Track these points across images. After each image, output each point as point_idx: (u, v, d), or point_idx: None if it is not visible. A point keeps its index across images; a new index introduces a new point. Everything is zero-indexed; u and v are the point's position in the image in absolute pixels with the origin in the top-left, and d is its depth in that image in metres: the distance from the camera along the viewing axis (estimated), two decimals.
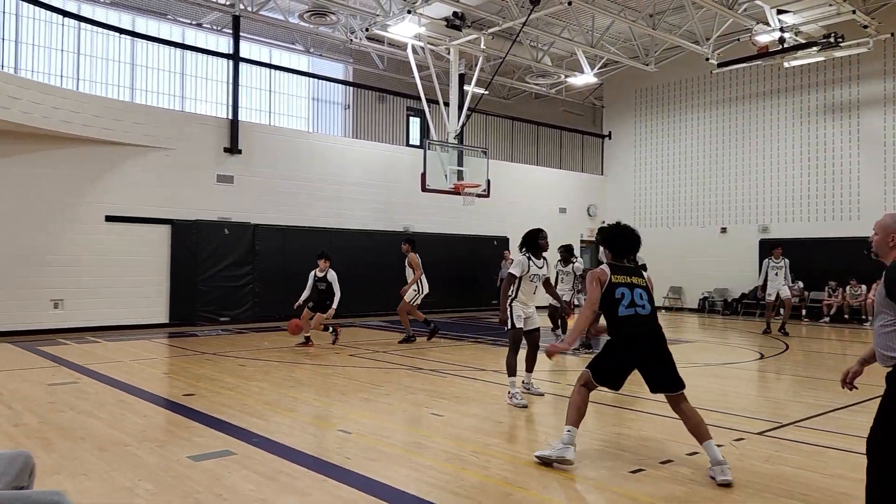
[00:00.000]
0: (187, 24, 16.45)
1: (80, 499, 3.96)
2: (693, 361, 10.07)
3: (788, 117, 18.48)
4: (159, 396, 7.08)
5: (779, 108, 18.64)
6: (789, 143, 18.45)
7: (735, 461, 4.85)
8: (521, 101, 22.66)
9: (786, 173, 18.49)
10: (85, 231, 12.86)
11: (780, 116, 18.62)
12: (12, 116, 11.26)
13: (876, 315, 3.36)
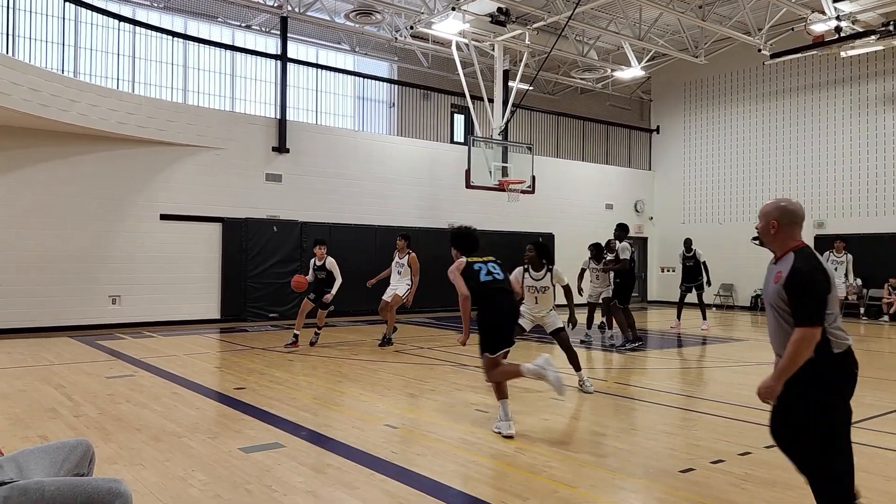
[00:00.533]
0: (237, 26, 16.81)
1: (136, 487, 4.10)
2: (745, 360, 9.82)
3: (845, 108, 17.81)
4: (211, 389, 7.27)
5: (835, 100, 17.98)
6: (846, 135, 17.78)
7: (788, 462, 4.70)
8: (567, 96, 22.41)
9: (842, 167, 17.83)
10: (141, 229, 13.28)
11: (837, 108, 17.95)
12: (72, 118, 11.70)
13: (768, 309, 3.28)
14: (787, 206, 3.35)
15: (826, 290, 3.10)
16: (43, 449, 2.73)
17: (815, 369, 3.09)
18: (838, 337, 3.12)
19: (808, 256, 3.19)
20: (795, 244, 3.27)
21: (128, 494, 2.42)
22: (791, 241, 3.29)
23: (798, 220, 3.34)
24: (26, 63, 11.53)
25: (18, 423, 5.69)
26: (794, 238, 3.30)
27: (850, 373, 3.16)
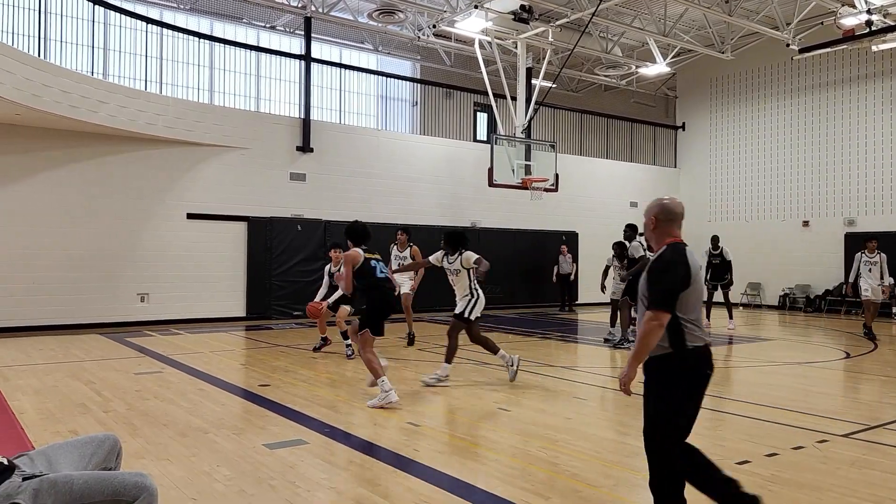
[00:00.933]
0: (261, 27, 16.97)
1: (163, 481, 4.16)
2: (772, 360, 9.67)
3: (877, 104, 17.42)
4: (236, 386, 7.36)
5: (866, 95, 17.60)
6: (878, 130, 17.39)
7: (817, 464, 4.64)
8: (591, 93, 22.25)
9: (874, 163, 17.45)
10: (168, 228, 13.48)
11: (868, 103, 17.58)
12: (101, 119, 11.91)
13: (639, 302, 3.36)
14: (667, 204, 3.53)
15: (680, 282, 3.25)
16: (72, 443, 2.79)
17: (669, 362, 3.25)
18: (693, 332, 3.25)
19: (676, 251, 3.36)
20: (670, 240, 3.44)
21: (153, 489, 2.46)
22: (667, 237, 3.46)
23: (675, 217, 3.51)
24: (57, 66, 11.77)
25: (50, 417, 5.81)
26: (670, 234, 3.47)
27: (699, 370, 3.29)
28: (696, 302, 3.32)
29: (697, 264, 3.41)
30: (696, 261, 3.40)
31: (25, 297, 12.00)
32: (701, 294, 3.40)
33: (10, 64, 10.14)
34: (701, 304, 3.41)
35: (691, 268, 3.32)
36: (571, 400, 6.77)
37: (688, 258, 3.34)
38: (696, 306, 3.34)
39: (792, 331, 14.05)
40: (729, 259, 13.81)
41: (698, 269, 3.41)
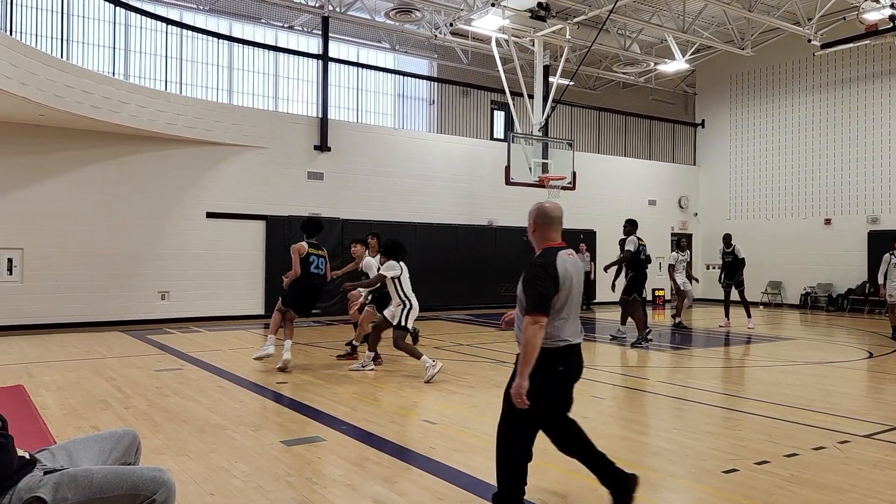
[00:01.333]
0: (280, 27, 17.08)
1: (182, 477, 4.21)
2: (793, 359, 9.55)
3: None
4: (255, 384, 7.42)
5: (889, 90, 17.31)
6: None
7: (838, 465, 4.58)
8: (609, 90, 22.11)
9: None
10: (188, 227, 13.63)
11: (891, 99, 17.28)
12: (122, 119, 12.07)
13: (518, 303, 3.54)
14: (545, 208, 3.66)
15: (552, 286, 3.40)
16: (92, 438, 2.83)
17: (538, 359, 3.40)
18: (556, 332, 3.45)
19: (549, 255, 3.48)
20: (548, 244, 3.59)
21: (171, 483, 2.49)
22: (545, 241, 3.61)
23: (552, 221, 3.63)
24: (79, 66, 11.94)
25: (72, 413, 5.91)
26: (548, 238, 3.61)
27: (554, 368, 3.47)
28: (566, 303, 3.48)
29: (572, 268, 3.53)
30: (570, 264, 3.52)
31: (49, 295, 12.20)
32: (574, 297, 3.55)
33: (34, 65, 10.31)
34: (575, 305, 3.57)
35: (560, 271, 3.45)
36: (589, 399, 6.74)
37: (558, 262, 3.46)
38: (567, 308, 3.50)
39: (814, 330, 13.86)
40: (741, 257, 13.69)
41: (572, 273, 3.52)
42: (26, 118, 11.64)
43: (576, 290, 3.55)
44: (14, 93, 9.88)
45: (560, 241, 3.63)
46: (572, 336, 3.54)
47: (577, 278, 3.57)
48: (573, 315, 3.56)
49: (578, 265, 3.61)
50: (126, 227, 12.95)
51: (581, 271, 3.64)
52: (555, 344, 3.46)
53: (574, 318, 3.58)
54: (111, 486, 2.39)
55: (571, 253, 3.61)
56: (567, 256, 3.54)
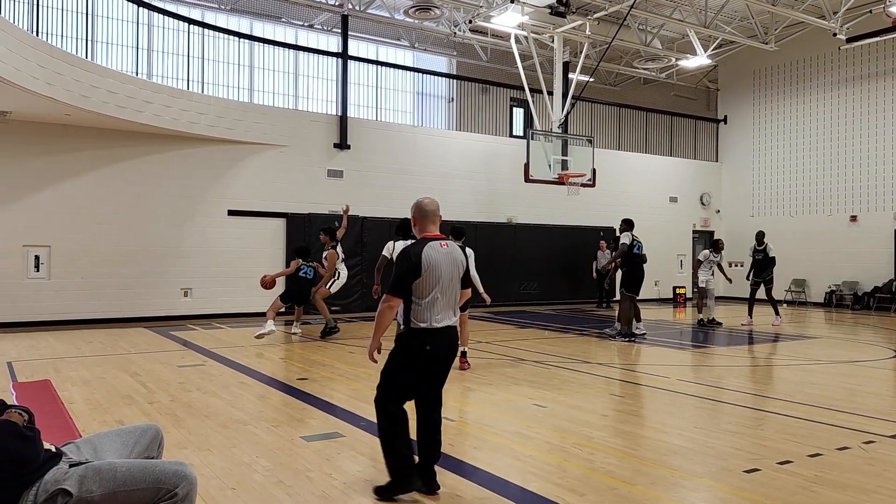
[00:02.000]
0: (300, 25, 17.17)
1: (204, 471, 4.27)
2: (817, 358, 9.42)
3: None
4: (276, 380, 7.49)
5: None
6: None
7: (863, 465, 4.51)
8: (629, 86, 21.93)
9: None
10: (210, 224, 13.78)
11: None
12: (147, 119, 12.23)
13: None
14: (421, 204, 4.02)
15: (408, 272, 3.78)
16: (116, 432, 2.89)
17: (401, 337, 3.92)
18: (421, 315, 3.81)
19: (418, 245, 3.88)
20: (423, 234, 3.97)
21: (193, 477, 2.53)
22: (422, 233, 4.00)
23: (427, 214, 3.98)
24: (104, 67, 12.12)
25: (98, 408, 6.01)
26: (425, 230, 3.99)
27: (417, 347, 3.84)
28: (431, 289, 3.82)
29: (441, 257, 3.86)
30: (440, 254, 3.86)
31: (76, 292, 12.42)
32: (443, 284, 3.86)
33: (61, 66, 10.48)
34: (444, 292, 3.87)
35: (423, 260, 3.79)
36: (608, 397, 6.71)
37: (423, 251, 3.82)
38: (433, 293, 3.82)
39: (839, 329, 13.65)
40: (772, 255, 13.53)
41: (439, 261, 3.84)
42: (53, 118, 11.85)
43: (445, 278, 3.85)
44: (41, 93, 10.06)
45: (436, 232, 3.98)
46: (437, 320, 3.84)
47: (448, 267, 3.87)
48: (440, 300, 3.85)
49: (452, 255, 3.92)
50: (150, 225, 13.13)
51: (455, 261, 3.93)
52: (417, 325, 3.83)
53: (441, 303, 3.85)
54: (134, 479, 2.43)
55: (445, 244, 3.92)
56: (438, 246, 3.87)
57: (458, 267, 3.96)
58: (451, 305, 3.94)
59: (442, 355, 3.91)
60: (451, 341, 3.95)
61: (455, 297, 3.98)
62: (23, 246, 12.08)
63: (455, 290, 3.96)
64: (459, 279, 3.99)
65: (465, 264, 4.03)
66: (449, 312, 3.92)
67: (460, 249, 4.06)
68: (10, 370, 7.80)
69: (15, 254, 12.01)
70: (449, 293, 3.91)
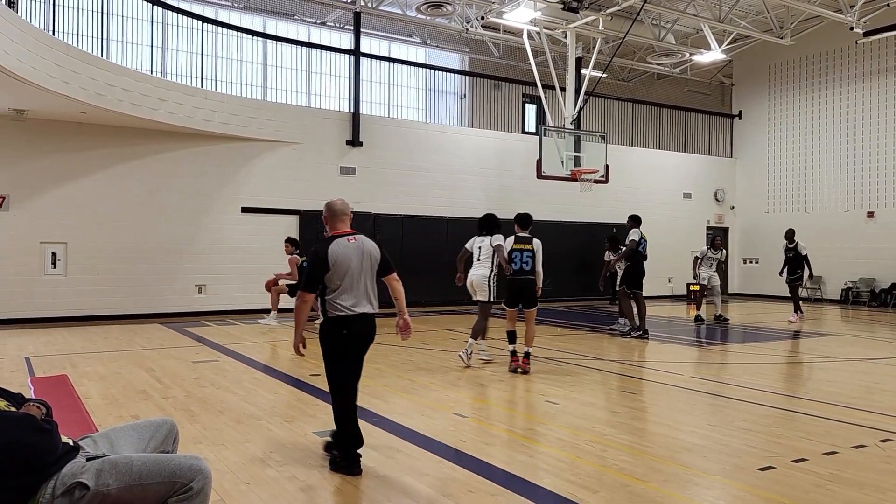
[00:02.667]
0: (312, 22, 17.22)
1: (218, 466, 4.30)
2: (833, 356, 9.33)
3: None
4: (289, 375, 7.54)
5: None
6: None
7: (879, 463, 4.47)
8: (643, 82, 21.79)
9: None
10: (224, 222, 13.86)
11: None
12: (160, 117, 12.32)
13: None
14: (331, 204, 4.45)
15: (316, 268, 4.20)
16: (132, 426, 2.92)
17: (321, 326, 4.33)
18: (335, 304, 4.23)
19: (326, 242, 4.27)
20: (334, 232, 4.36)
21: (207, 471, 2.55)
22: (333, 231, 4.38)
23: (336, 213, 4.40)
24: (119, 65, 12.22)
25: (113, 402, 6.07)
26: (335, 228, 4.39)
27: (340, 333, 4.25)
28: (342, 280, 4.21)
29: (350, 251, 4.25)
30: (349, 248, 4.26)
31: (92, 288, 12.55)
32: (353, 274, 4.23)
33: (76, 64, 10.58)
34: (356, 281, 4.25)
35: (330, 255, 4.20)
36: (620, 394, 6.69)
37: (330, 248, 4.23)
38: (345, 283, 4.22)
39: (855, 326, 13.52)
40: (804, 253, 13.61)
41: (348, 255, 4.24)
42: (69, 116, 11.97)
43: (354, 269, 4.25)
44: (58, 91, 10.17)
45: (346, 229, 4.38)
46: (351, 307, 4.24)
47: (357, 259, 4.28)
48: (353, 289, 4.25)
49: (361, 248, 4.31)
50: (164, 222, 13.23)
51: (364, 252, 4.31)
52: (334, 313, 4.25)
53: (354, 292, 4.26)
54: (150, 473, 2.46)
55: (353, 238, 4.33)
56: (346, 242, 4.29)
57: (368, 258, 4.33)
58: (366, 293, 4.31)
59: (358, 339, 4.31)
60: (367, 326, 4.33)
61: (367, 286, 4.33)
62: (40, 243, 12.23)
63: (366, 279, 4.32)
64: (372, 268, 4.36)
65: (377, 254, 4.40)
66: (363, 300, 4.29)
67: (371, 241, 4.45)
68: (28, 365, 7.91)
69: (32, 250, 12.15)
70: (360, 283, 4.28)
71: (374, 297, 4.37)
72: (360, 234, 4.38)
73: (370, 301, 4.32)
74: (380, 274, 4.46)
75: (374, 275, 4.39)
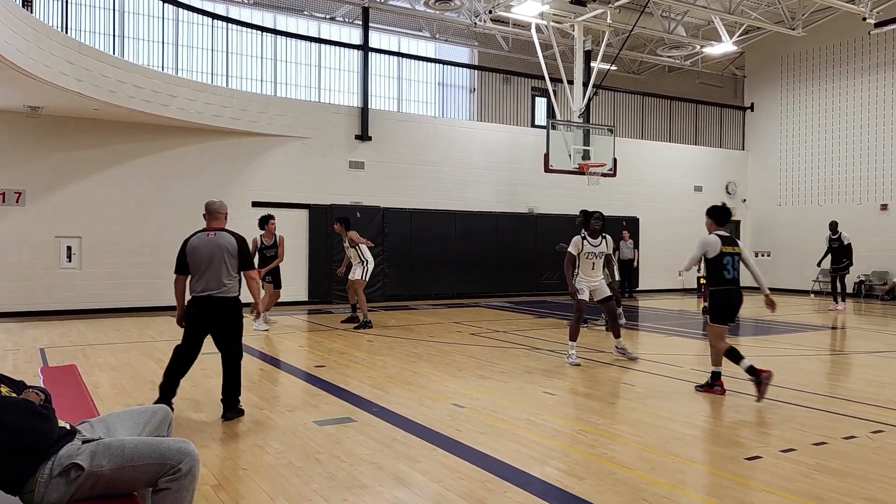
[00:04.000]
0: (322, 18, 17.34)
1: (219, 453, 4.46)
2: (840, 349, 9.33)
3: None
4: (294, 367, 7.69)
5: None
6: None
7: (868, 454, 4.52)
8: (653, 74, 21.70)
9: None
10: (235, 216, 13.84)
11: None
12: (172, 113, 12.51)
13: None
14: (207, 203, 5.50)
15: (179, 256, 5.37)
16: (128, 412, 3.07)
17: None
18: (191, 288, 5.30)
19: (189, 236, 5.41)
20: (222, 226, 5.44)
21: (195, 454, 2.68)
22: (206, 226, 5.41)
23: (209, 212, 5.45)
24: (131, 62, 12.42)
25: (122, 392, 6.26)
26: (208, 224, 5.43)
27: (189, 311, 5.38)
28: (196, 268, 5.24)
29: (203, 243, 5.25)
30: (202, 241, 5.27)
31: (105, 281, 12.80)
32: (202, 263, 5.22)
33: (89, 62, 10.78)
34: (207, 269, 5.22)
35: (187, 247, 5.31)
36: (619, 385, 6.77)
37: (190, 241, 5.33)
38: (197, 271, 5.24)
39: (867, 319, 13.45)
40: (847, 243, 14.08)
41: (199, 246, 5.25)
42: (82, 113, 12.19)
43: (205, 259, 5.16)
44: (71, 89, 10.37)
45: (215, 226, 5.35)
46: (200, 291, 5.23)
47: (208, 250, 5.17)
48: (204, 276, 5.20)
49: (216, 242, 5.20)
50: (176, 217, 13.42)
51: (218, 246, 5.20)
52: (191, 294, 5.31)
53: (204, 278, 5.20)
54: (141, 455, 2.60)
55: (213, 234, 5.27)
56: (206, 236, 5.27)
57: (221, 250, 5.18)
58: (217, 280, 5.18)
59: (202, 317, 5.30)
60: (210, 306, 5.24)
61: (220, 274, 5.18)
62: (55, 237, 12.49)
63: (218, 269, 5.18)
64: (227, 260, 5.18)
65: (233, 249, 5.22)
66: (212, 285, 5.20)
67: (231, 236, 5.29)
68: (43, 356, 8.13)
69: (48, 244, 12.42)
70: (210, 271, 5.19)
71: (228, 283, 5.23)
72: (224, 232, 5.27)
73: (220, 286, 5.19)
74: (240, 268, 5.32)
75: (232, 266, 5.25)
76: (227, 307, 5.29)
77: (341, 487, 3.87)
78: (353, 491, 3.82)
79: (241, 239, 5.37)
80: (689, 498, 3.78)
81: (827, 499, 3.71)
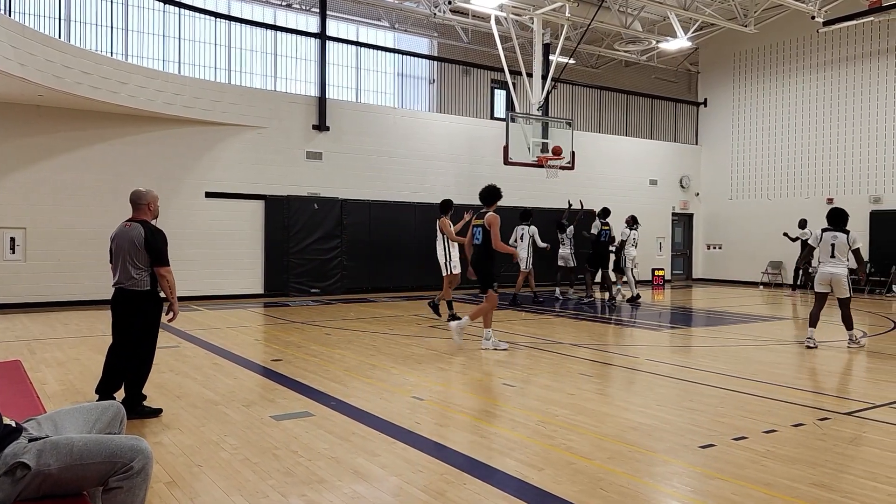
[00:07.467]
0: (278, 5, 17.01)
1: (172, 449, 4.35)
2: (784, 339, 9.64)
3: None
4: (250, 361, 7.56)
5: (893, 69, 17.15)
6: None
7: (815, 440, 4.67)
8: (610, 69, 21.98)
9: None
10: (188, 207, 13.71)
11: (895, 76, 17.14)
12: (120, 100, 12.12)
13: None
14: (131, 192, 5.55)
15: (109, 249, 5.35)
16: (77, 409, 2.95)
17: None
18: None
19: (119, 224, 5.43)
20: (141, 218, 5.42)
21: (148, 451, 2.60)
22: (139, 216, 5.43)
23: (131, 200, 5.50)
24: (78, 47, 11.96)
25: (70, 388, 6.05)
26: (142, 213, 5.46)
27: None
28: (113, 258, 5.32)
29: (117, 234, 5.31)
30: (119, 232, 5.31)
31: (52, 273, 12.36)
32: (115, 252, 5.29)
33: (33, 46, 10.34)
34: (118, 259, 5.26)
35: (112, 235, 5.34)
36: (577, 376, 6.85)
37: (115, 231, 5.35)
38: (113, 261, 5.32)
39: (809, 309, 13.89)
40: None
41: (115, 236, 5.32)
42: (26, 99, 11.71)
43: (117, 249, 5.24)
44: (14, 74, 9.92)
45: (135, 216, 5.40)
46: (113, 282, 5.31)
47: (120, 241, 5.25)
48: (118, 268, 5.26)
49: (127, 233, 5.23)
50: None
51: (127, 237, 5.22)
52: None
53: (116, 268, 5.27)
54: (91, 453, 2.50)
55: (129, 225, 5.30)
56: (123, 227, 5.33)
57: (130, 241, 5.20)
58: (123, 271, 5.21)
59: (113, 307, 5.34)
60: (116, 297, 5.29)
61: (126, 265, 5.19)
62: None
63: (125, 260, 5.18)
64: (133, 252, 5.17)
65: (139, 242, 5.17)
66: (118, 275, 5.25)
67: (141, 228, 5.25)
68: None
69: None
70: (120, 262, 5.22)
71: (136, 276, 5.20)
72: (136, 223, 5.26)
73: (128, 279, 5.19)
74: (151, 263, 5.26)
75: (138, 258, 5.20)
76: (129, 299, 5.22)
77: (299, 482, 3.82)
78: (312, 486, 3.77)
79: (151, 231, 5.21)
80: (645, 486, 3.85)
81: (776, 485, 3.83)
